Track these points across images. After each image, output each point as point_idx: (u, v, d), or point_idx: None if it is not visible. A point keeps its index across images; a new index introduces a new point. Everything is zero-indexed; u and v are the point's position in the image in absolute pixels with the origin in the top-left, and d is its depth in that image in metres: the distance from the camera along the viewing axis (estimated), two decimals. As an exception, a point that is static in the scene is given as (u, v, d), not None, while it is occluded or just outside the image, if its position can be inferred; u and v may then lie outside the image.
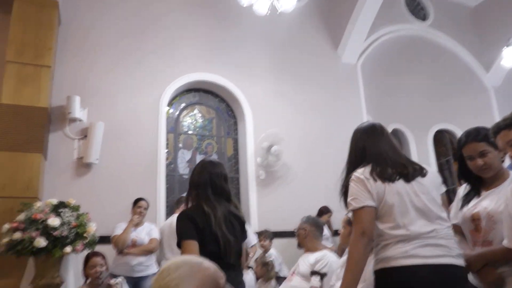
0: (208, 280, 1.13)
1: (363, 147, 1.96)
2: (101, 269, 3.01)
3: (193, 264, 1.16)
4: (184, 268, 1.13)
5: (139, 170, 5.03)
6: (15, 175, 4.16)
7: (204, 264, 1.18)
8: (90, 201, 4.53)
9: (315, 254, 2.89)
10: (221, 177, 2.17)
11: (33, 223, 3.15)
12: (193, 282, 1.10)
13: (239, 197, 5.77)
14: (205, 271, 1.15)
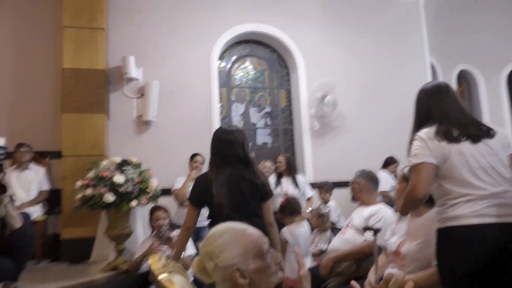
0: (250, 245, 1.17)
1: (427, 109, 1.95)
2: (164, 222, 3.21)
3: (236, 231, 1.20)
4: (227, 235, 1.18)
5: (194, 125, 5.18)
6: (83, 135, 4.48)
7: (247, 231, 1.22)
8: (151, 157, 4.80)
9: (369, 208, 2.86)
10: (231, 144, 2.33)
11: (101, 180, 3.41)
12: (236, 248, 1.15)
13: (293, 148, 5.78)
14: (248, 237, 1.19)
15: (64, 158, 4.38)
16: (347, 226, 2.96)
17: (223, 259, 1.14)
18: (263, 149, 5.76)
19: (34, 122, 4.75)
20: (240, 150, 2.34)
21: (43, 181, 4.38)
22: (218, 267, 1.14)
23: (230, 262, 1.13)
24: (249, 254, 1.16)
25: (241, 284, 1.13)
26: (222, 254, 1.14)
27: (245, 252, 1.15)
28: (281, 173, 4.39)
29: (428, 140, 1.83)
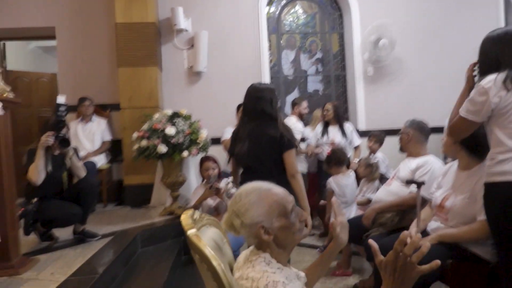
0: (274, 205, 1.22)
1: (495, 57, 1.80)
2: (213, 171, 3.36)
3: (262, 191, 1.25)
4: (253, 194, 1.23)
5: (244, 74, 5.18)
6: (138, 88, 4.69)
7: (272, 191, 1.26)
8: (202, 107, 4.95)
9: (417, 159, 2.77)
10: (259, 100, 2.51)
11: (154, 132, 3.60)
12: (260, 207, 1.21)
13: (345, 96, 5.62)
14: (273, 196, 1.24)
15: (122, 110, 4.65)
16: (393, 177, 2.91)
17: (248, 217, 1.20)
18: (314, 97, 5.66)
19: (94, 76, 5.02)
20: (267, 106, 2.50)
21: (105, 132, 4.72)
22: (244, 224, 1.21)
23: (254, 220, 1.19)
24: (273, 213, 1.21)
25: (266, 240, 1.20)
26: (247, 212, 1.21)
27: (269, 211, 1.21)
28: (328, 122, 4.32)
29: (489, 90, 1.72)
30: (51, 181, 2.86)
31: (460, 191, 2.15)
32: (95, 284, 2.15)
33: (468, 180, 2.14)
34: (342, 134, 4.24)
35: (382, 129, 4.92)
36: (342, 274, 3.22)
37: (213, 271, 1.09)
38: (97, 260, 2.55)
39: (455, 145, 2.22)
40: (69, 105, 4.78)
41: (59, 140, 2.84)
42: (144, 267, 2.90)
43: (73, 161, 2.97)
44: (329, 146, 4.20)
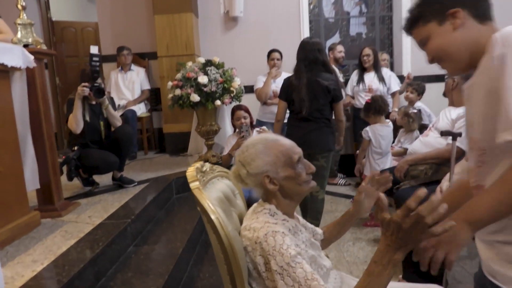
0: (280, 155, 1.21)
1: None
2: (245, 120, 3.34)
3: (268, 142, 1.24)
4: (260, 145, 1.23)
5: (282, 18, 4.98)
6: (175, 35, 4.66)
7: (279, 142, 1.24)
8: (238, 54, 4.86)
9: (458, 109, 2.57)
10: (321, 53, 2.84)
11: (188, 81, 3.60)
12: (266, 157, 1.20)
13: (391, 39, 5.25)
14: (279, 147, 1.22)
15: (160, 58, 4.68)
16: (431, 127, 2.75)
17: (254, 166, 1.21)
18: (357, 41, 5.35)
19: (132, 25, 5.04)
20: (327, 59, 2.90)
21: (144, 81, 4.80)
22: (249, 174, 1.22)
23: (260, 169, 1.20)
24: (279, 163, 1.20)
25: (271, 189, 1.20)
26: (253, 162, 1.21)
27: (275, 160, 1.20)
28: (365, 68, 4.08)
29: None
30: (90, 130, 2.99)
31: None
32: (126, 227, 2.29)
33: None
34: (379, 80, 4.01)
35: (430, 75, 4.63)
36: (374, 225, 3.19)
37: (212, 224, 1.10)
38: (132, 205, 2.69)
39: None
40: (109, 55, 4.94)
41: (94, 90, 2.92)
42: (178, 212, 3.03)
43: (108, 111, 3.07)
44: (366, 93, 4.01)
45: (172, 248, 2.33)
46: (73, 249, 1.94)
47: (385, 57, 4.51)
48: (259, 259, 1.09)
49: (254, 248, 1.10)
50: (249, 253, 1.13)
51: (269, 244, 1.06)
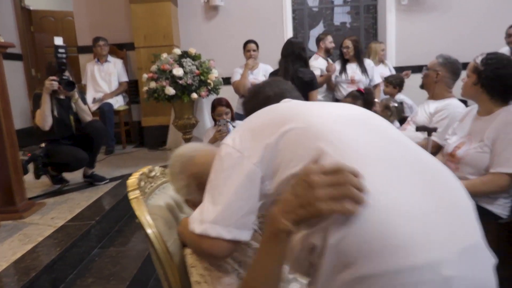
0: (191, 180, 1.08)
1: None
2: (227, 116, 3.22)
3: (184, 160, 1.12)
4: (176, 163, 1.13)
5: (265, 7, 4.84)
6: (153, 25, 4.51)
7: (193, 160, 1.10)
8: (221, 43, 4.73)
9: (437, 102, 2.48)
10: (304, 51, 3.34)
11: (163, 73, 3.47)
12: (181, 181, 1.11)
13: (375, 28, 5.14)
14: (193, 167, 1.09)
15: (137, 49, 4.53)
16: (409, 121, 2.66)
17: (175, 188, 1.15)
18: (342, 30, 5.24)
19: (108, 15, 4.86)
20: (305, 54, 3.36)
21: (121, 72, 4.65)
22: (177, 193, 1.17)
23: (180, 192, 1.14)
24: (192, 187, 1.09)
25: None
26: (173, 184, 1.15)
27: (188, 185, 1.09)
28: (346, 59, 3.97)
29: None
30: (60, 125, 2.86)
31: (475, 139, 1.91)
32: (90, 229, 2.19)
33: (485, 127, 1.88)
34: (362, 71, 3.91)
35: (416, 66, 4.55)
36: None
37: (148, 238, 1.00)
38: (100, 204, 2.58)
39: (475, 87, 1.93)
40: (85, 46, 4.77)
41: (64, 83, 2.79)
42: (151, 210, 2.93)
43: (78, 104, 2.94)
44: (348, 84, 3.91)
45: (140, 250, 2.23)
46: (28, 255, 1.84)
47: (383, 47, 4.40)
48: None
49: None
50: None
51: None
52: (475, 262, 0.74)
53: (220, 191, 0.87)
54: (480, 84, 1.90)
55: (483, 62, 1.89)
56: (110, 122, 4.17)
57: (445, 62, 2.51)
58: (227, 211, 0.85)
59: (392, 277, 0.69)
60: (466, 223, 0.78)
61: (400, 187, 0.75)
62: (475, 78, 1.93)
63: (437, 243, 0.71)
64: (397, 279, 0.68)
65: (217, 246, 0.85)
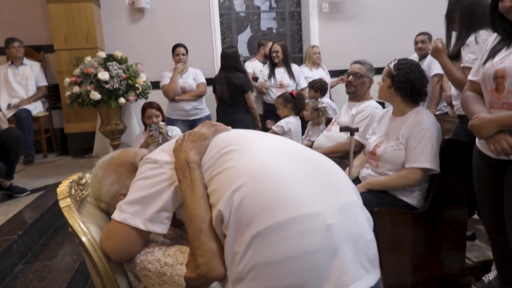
0: (119, 168, 1.15)
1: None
2: (157, 119, 3.15)
3: (104, 164, 1.19)
4: (98, 172, 1.17)
5: (192, 10, 4.83)
6: (73, 26, 4.29)
7: (113, 158, 1.20)
8: (147, 46, 4.64)
9: (358, 104, 2.68)
10: (229, 57, 3.75)
11: (87, 77, 3.32)
12: (108, 178, 1.14)
13: (300, 33, 5.38)
14: (114, 162, 1.18)
15: (57, 52, 4.28)
16: (333, 122, 2.84)
17: (104, 194, 1.15)
18: (268, 35, 5.40)
19: (21, 14, 4.52)
20: (234, 62, 3.74)
21: (39, 76, 4.35)
22: (107, 203, 1.15)
23: (111, 193, 1.14)
24: (122, 176, 1.14)
25: None
26: (101, 191, 1.15)
27: (117, 176, 1.14)
28: (275, 64, 4.12)
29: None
30: (-30, 134, 2.62)
31: (392, 137, 2.10)
32: (12, 244, 2.04)
33: (400, 126, 2.08)
34: (289, 76, 4.08)
35: (336, 69, 4.83)
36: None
37: (83, 246, 0.98)
38: (21, 217, 2.40)
39: (390, 90, 2.13)
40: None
41: None
42: (78, 221, 2.79)
43: (-8, 112, 2.71)
44: (278, 88, 4.05)
45: (68, 262, 2.12)
46: None
47: (316, 50, 4.56)
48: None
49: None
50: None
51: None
52: (352, 216, 0.91)
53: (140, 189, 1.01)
54: (393, 87, 2.10)
55: (395, 67, 2.09)
56: (28, 130, 3.88)
57: (370, 68, 2.73)
58: (144, 206, 0.98)
59: (283, 227, 0.83)
60: (342, 188, 0.97)
61: (288, 165, 0.94)
62: (389, 82, 2.13)
63: (319, 200, 0.88)
64: (288, 229, 0.83)
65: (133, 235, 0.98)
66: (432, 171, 1.96)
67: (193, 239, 0.90)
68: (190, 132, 1.05)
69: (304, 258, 0.82)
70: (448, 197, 2.06)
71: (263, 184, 0.88)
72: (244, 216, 0.85)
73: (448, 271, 2.14)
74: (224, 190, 0.89)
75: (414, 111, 2.09)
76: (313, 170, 0.96)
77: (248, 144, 1.00)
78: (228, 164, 0.94)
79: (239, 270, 0.84)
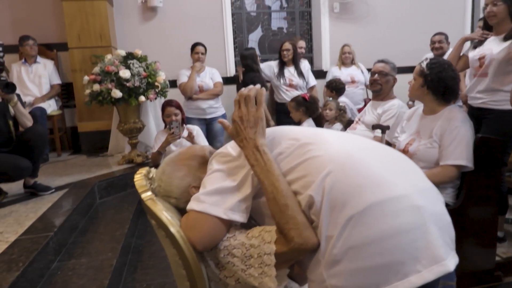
0: (189, 161, 1.17)
1: None
2: (177, 117, 3.17)
3: (172, 160, 1.20)
4: (166, 168, 1.18)
5: (204, 10, 4.84)
6: (87, 25, 4.27)
7: (180, 153, 1.21)
8: (159, 46, 4.63)
9: (383, 103, 2.71)
10: (246, 58, 4.01)
11: (107, 75, 3.32)
12: (179, 171, 1.15)
13: (310, 33, 5.41)
14: (183, 156, 1.19)
15: (71, 50, 4.26)
16: (357, 121, 2.86)
17: (175, 189, 1.15)
18: (278, 35, 5.42)
19: (35, 12, 4.50)
20: (251, 62, 3.98)
21: (53, 74, 4.33)
22: (178, 199, 1.15)
23: (182, 187, 1.14)
24: (193, 168, 1.16)
25: None
26: (171, 186, 1.15)
27: (188, 169, 1.15)
28: (284, 62, 4.12)
29: None
30: (-5, 132, 2.60)
31: (424, 135, 2.13)
32: (50, 241, 2.04)
33: (432, 125, 2.11)
34: (299, 74, 4.09)
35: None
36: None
37: (172, 238, 0.99)
38: (51, 215, 2.40)
39: (422, 89, 2.16)
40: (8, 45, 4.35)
41: (3, 85, 2.55)
42: (103, 219, 2.80)
43: (18, 109, 2.70)
44: (287, 87, 4.07)
45: (104, 259, 2.13)
46: (-15, 274, 1.66)
47: (345, 50, 4.53)
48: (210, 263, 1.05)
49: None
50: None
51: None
52: (433, 199, 0.97)
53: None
54: (426, 86, 2.13)
55: (427, 66, 2.12)
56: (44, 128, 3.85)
57: (393, 67, 2.76)
58: (224, 196, 1.00)
59: (377, 208, 0.87)
60: (419, 174, 1.03)
61: (367, 153, 1.00)
62: (422, 80, 2.16)
63: (403, 183, 0.93)
64: (382, 209, 0.87)
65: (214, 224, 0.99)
66: (466, 168, 1.99)
67: (280, 216, 0.92)
68: (240, 117, 1.02)
69: (400, 235, 0.86)
70: (479, 194, 2.09)
71: (351, 169, 0.92)
72: (337, 199, 0.89)
73: (478, 267, 2.18)
74: (313, 177, 0.93)
75: (446, 109, 2.12)
76: (389, 157, 1.03)
77: (321, 136, 1.05)
78: (310, 154, 0.97)
79: (335, 252, 0.87)
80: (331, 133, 1.12)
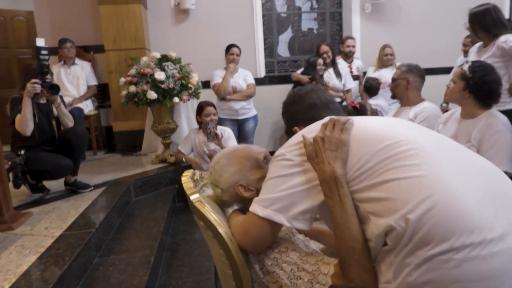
0: (244, 160, 1.21)
1: None
2: (215, 117, 3.29)
3: (229, 153, 1.24)
4: (222, 160, 1.23)
5: (235, 12, 4.90)
6: (122, 27, 4.40)
7: (238, 150, 1.26)
8: (191, 48, 4.71)
9: (413, 108, 2.67)
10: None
11: (143, 77, 3.41)
12: (231, 167, 1.19)
13: (340, 35, 5.37)
14: (240, 154, 1.23)
15: (107, 52, 4.40)
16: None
17: (224, 181, 1.19)
18: (308, 36, 5.41)
19: (73, 15, 4.66)
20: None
21: (90, 76, 4.48)
22: (224, 191, 1.20)
23: (230, 181, 1.19)
24: (245, 168, 1.20)
25: (249, 196, 1.15)
26: (221, 177, 1.20)
27: (241, 168, 1.19)
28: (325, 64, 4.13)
29: None
30: (40, 131, 2.72)
31: (462, 139, 2.10)
32: (92, 237, 2.12)
33: (471, 129, 2.08)
34: (336, 76, 4.08)
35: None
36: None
37: (220, 239, 1.03)
38: (91, 212, 2.50)
39: (462, 92, 2.12)
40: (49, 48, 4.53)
41: (48, 87, 2.67)
42: (139, 216, 2.88)
43: (61, 110, 2.82)
44: (325, 89, 4.07)
45: (142, 256, 2.20)
46: (35, 267, 1.75)
47: (386, 51, 4.44)
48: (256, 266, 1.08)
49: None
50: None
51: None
52: None
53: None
54: (468, 89, 2.10)
55: (470, 70, 2.08)
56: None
57: (410, 69, 2.71)
58: (289, 205, 0.98)
59: (468, 249, 0.80)
60: None
61: (464, 179, 0.90)
62: (463, 84, 2.12)
63: (501, 219, 0.85)
64: (473, 251, 0.80)
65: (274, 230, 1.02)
66: (507, 173, 1.95)
67: (344, 255, 0.91)
68: (323, 137, 0.98)
69: (487, 281, 0.81)
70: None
71: (449, 204, 0.84)
72: (428, 233, 0.82)
73: None
74: (399, 205, 0.85)
75: (486, 114, 2.09)
76: (486, 181, 0.93)
77: (414, 140, 0.95)
78: (401, 173, 0.88)
79: (409, 281, 0.83)
80: (418, 132, 1.02)
